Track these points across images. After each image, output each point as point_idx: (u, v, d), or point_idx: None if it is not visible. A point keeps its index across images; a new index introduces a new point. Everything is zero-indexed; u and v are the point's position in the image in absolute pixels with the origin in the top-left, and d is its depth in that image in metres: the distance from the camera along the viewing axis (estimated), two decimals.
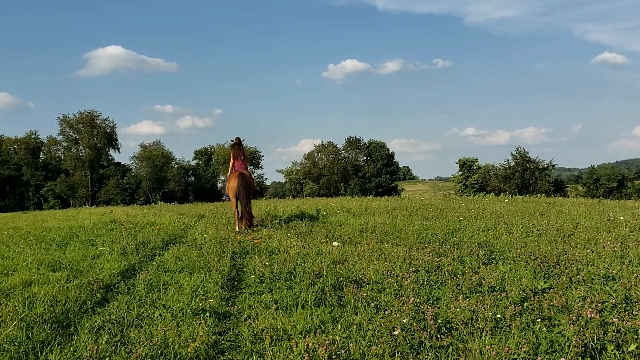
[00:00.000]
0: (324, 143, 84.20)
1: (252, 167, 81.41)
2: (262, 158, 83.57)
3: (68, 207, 55.38)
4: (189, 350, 4.28)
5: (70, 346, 4.41)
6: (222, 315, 5.29)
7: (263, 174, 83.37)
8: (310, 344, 4.11)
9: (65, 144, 76.08)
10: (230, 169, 12.91)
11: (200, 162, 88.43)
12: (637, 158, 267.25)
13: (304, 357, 3.92)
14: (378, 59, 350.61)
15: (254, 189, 13.09)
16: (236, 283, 6.61)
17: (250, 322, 4.88)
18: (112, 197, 72.27)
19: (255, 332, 4.67)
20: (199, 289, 6.11)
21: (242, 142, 13.29)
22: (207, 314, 5.14)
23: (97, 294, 6.04)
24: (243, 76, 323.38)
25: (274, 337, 4.54)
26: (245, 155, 13.11)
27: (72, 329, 4.88)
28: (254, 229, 11.74)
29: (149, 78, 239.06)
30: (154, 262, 7.83)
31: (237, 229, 11.90)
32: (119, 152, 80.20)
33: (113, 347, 4.33)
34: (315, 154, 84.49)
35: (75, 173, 73.66)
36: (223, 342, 4.63)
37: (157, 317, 5.17)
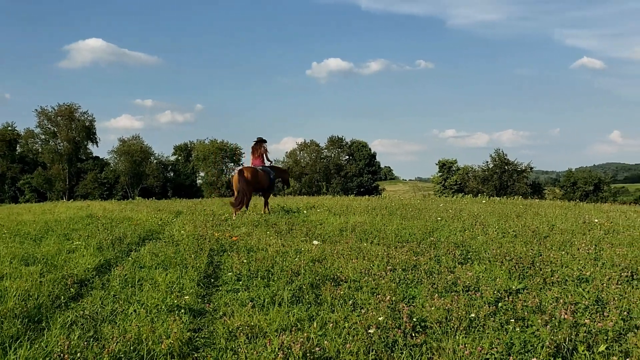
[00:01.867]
0: (307, 141, 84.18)
1: (232, 164, 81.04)
2: (244, 155, 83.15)
3: (45, 200, 54.56)
4: (162, 346, 4.24)
5: (41, 341, 4.34)
6: (198, 312, 5.26)
7: None
8: (285, 341, 4.11)
9: (43, 136, 74.92)
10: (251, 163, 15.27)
11: (179, 157, 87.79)
12: (614, 162, 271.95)
13: (278, 355, 3.91)
14: (362, 59, 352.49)
15: (251, 185, 14.38)
16: (212, 280, 6.58)
17: (225, 320, 4.86)
18: (89, 191, 71.37)
19: (230, 329, 4.64)
20: (175, 286, 6.06)
21: (262, 141, 15.25)
22: (182, 310, 5.11)
23: (71, 289, 5.96)
24: (225, 72, 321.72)
25: (249, 334, 4.52)
26: (260, 153, 15.13)
27: (44, 324, 4.80)
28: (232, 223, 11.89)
29: (129, 71, 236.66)
30: (130, 258, 7.75)
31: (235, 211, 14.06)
32: (97, 146, 79.25)
33: (85, 343, 4.28)
34: (298, 152, 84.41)
35: (52, 166, 72.55)
36: (197, 339, 4.60)
37: (132, 313, 5.12)
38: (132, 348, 4.22)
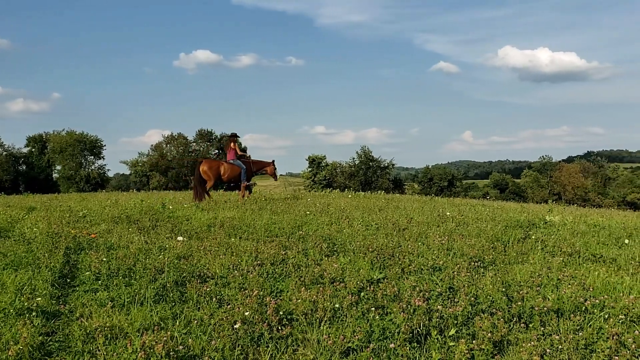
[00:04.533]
0: (174, 134, 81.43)
1: (92, 157, 76.20)
2: (105, 147, 78.33)
3: None
4: (10, 353, 3.90)
5: None
6: (52, 314, 4.91)
7: (105, 165, 77.99)
8: (147, 341, 3.96)
9: None
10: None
11: (33, 149, 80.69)
12: (466, 160, 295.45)
13: (139, 355, 3.76)
14: (232, 52, 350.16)
15: (211, 176, 15.82)
16: (69, 280, 6.17)
17: (82, 321, 4.59)
18: None
19: (88, 331, 4.39)
20: (26, 287, 5.60)
21: (233, 136, 16.83)
22: (34, 313, 4.74)
23: None
24: (86, 60, 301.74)
25: (109, 335, 4.31)
26: (231, 148, 16.51)
27: None
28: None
29: None
30: None
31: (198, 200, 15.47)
32: None
33: None
34: (164, 145, 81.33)
35: None
36: (51, 343, 4.30)
37: None
38: None
